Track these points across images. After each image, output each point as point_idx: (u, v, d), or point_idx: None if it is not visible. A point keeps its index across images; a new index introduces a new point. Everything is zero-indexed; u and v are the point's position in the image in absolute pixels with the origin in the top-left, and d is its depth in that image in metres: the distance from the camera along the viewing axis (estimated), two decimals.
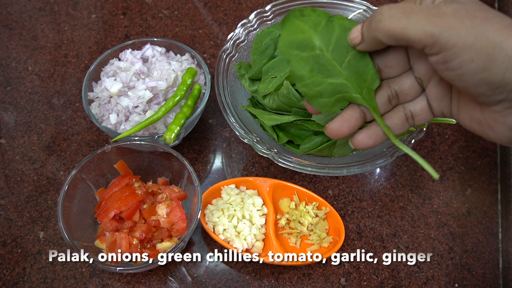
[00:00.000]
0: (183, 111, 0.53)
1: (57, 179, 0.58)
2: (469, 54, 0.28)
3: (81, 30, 0.72)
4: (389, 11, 0.30)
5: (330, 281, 0.51)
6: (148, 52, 0.59)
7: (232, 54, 0.56)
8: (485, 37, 0.28)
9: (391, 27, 0.30)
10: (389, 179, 0.58)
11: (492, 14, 0.29)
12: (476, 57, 0.28)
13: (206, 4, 0.75)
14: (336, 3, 0.59)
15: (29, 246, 0.53)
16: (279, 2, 0.59)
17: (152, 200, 0.51)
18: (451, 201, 0.57)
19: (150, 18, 0.73)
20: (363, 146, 0.36)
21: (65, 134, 0.62)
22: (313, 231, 0.53)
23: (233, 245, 0.50)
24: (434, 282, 0.51)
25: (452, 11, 0.29)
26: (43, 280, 0.51)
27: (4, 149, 0.60)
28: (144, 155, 0.54)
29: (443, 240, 0.54)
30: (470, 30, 0.28)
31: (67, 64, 0.68)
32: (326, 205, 0.54)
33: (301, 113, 0.48)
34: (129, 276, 0.51)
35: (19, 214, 0.55)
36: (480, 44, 0.28)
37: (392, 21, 0.30)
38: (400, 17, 0.30)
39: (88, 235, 0.50)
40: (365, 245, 0.53)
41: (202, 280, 0.51)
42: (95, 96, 0.57)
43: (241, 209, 0.52)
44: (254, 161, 0.59)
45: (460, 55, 0.28)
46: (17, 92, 0.65)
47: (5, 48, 0.70)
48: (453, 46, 0.28)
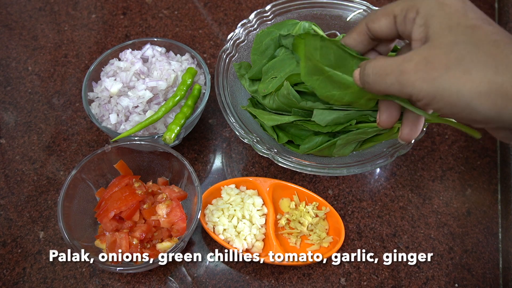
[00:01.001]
0: (183, 111, 0.53)
1: (57, 179, 0.58)
2: (437, 103, 0.31)
3: (81, 30, 0.72)
4: (373, 70, 0.34)
5: (330, 281, 0.51)
6: (148, 52, 0.59)
7: (232, 54, 0.56)
8: (445, 88, 0.29)
9: (376, 88, 0.34)
10: (389, 179, 0.58)
11: (454, 57, 0.30)
12: (443, 106, 0.30)
13: (206, 4, 0.75)
14: (336, 3, 0.59)
15: (29, 246, 0.53)
16: (279, 2, 0.59)
17: (152, 200, 0.51)
18: (451, 201, 0.57)
19: (150, 18, 0.73)
20: (413, 137, 0.39)
21: (65, 134, 0.62)
22: (313, 231, 0.53)
23: (233, 245, 0.50)
24: (434, 282, 0.51)
25: (413, 67, 0.31)
26: (43, 280, 0.51)
27: (4, 149, 0.60)
28: (144, 155, 0.54)
29: (443, 240, 0.54)
30: (430, 85, 0.30)
31: (67, 64, 0.68)
32: (326, 205, 0.54)
33: (301, 113, 0.48)
34: (129, 276, 0.51)
35: (19, 214, 0.55)
36: (441, 96, 0.30)
37: (375, 84, 0.34)
38: (379, 80, 0.34)
39: (88, 235, 0.50)
40: (365, 245, 0.53)
41: (202, 280, 0.51)
42: (95, 96, 0.57)
43: (241, 209, 0.52)
44: (254, 161, 0.59)
45: (431, 104, 0.31)
46: (17, 92, 0.65)
47: (5, 48, 0.70)
48: (422, 99, 0.31)
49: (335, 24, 0.59)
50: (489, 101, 0.28)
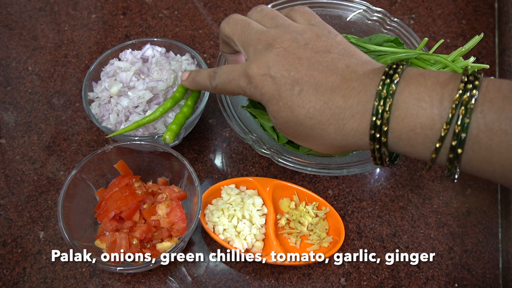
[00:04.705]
0: (183, 111, 0.53)
1: (57, 179, 0.58)
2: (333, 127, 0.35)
3: (81, 30, 0.72)
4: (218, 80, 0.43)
5: (330, 281, 0.51)
6: (148, 52, 0.59)
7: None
8: (333, 111, 0.34)
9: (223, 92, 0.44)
10: (389, 179, 0.58)
11: (339, 81, 0.35)
12: (333, 132, 0.35)
13: (206, 4, 0.75)
14: (336, 3, 0.59)
15: (29, 246, 0.53)
16: (279, 2, 0.59)
17: (152, 200, 0.51)
18: (451, 201, 0.57)
19: (150, 18, 0.73)
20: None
21: (65, 134, 0.62)
22: (313, 231, 0.53)
23: (233, 245, 0.50)
24: (434, 282, 0.51)
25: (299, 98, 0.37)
26: (43, 280, 0.51)
27: (4, 149, 0.61)
28: (144, 155, 0.54)
29: (443, 240, 0.54)
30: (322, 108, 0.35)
31: (67, 64, 0.69)
32: (326, 205, 0.54)
33: None
34: (129, 276, 0.51)
35: (19, 214, 0.55)
36: (331, 120, 0.35)
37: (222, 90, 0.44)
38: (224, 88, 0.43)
39: (88, 235, 0.50)
40: (365, 245, 0.53)
41: (202, 280, 0.51)
42: (95, 96, 0.57)
43: (241, 209, 0.52)
44: (254, 161, 0.59)
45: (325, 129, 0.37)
46: (17, 92, 0.65)
47: (5, 48, 0.70)
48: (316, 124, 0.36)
49: (335, 24, 0.59)
50: (332, 150, 0.37)
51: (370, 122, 0.32)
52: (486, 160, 0.30)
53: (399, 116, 0.31)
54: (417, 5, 0.75)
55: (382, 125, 0.32)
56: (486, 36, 0.71)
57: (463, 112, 0.29)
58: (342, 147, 0.36)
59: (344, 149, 0.37)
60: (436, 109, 0.30)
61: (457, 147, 0.30)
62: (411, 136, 0.31)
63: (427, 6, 0.74)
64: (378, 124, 0.32)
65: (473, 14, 0.74)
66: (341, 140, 0.35)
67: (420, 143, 0.31)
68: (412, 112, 0.31)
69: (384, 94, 0.32)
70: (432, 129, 0.30)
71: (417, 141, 0.31)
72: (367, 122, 0.33)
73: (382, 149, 0.33)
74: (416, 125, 0.31)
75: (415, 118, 0.31)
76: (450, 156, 0.30)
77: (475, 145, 0.29)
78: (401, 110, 0.31)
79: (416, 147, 0.32)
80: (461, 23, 0.73)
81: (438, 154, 0.31)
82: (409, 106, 0.31)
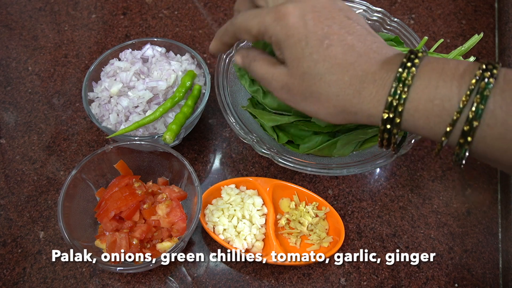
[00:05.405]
0: (183, 111, 0.53)
1: (57, 179, 0.58)
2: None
3: (81, 30, 0.72)
4: (256, 72, 0.41)
5: (330, 281, 0.51)
6: (148, 52, 0.59)
7: (232, 54, 0.56)
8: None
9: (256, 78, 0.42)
10: (389, 179, 0.58)
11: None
12: (351, 93, 0.36)
13: (206, 4, 0.75)
14: None
15: (29, 246, 0.53)
16: None
17: (152, 200, 0.51)
18: (451, 201, 0.57)
19: (150, 18, 0.73)
20: None
21: (65, 134, 0.62)
22: (313, 231, 0.53)
23: (233, 245, 0.50)
24: (434, 282, 0.51)
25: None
26: (43, 280, 0.51)
27: (4, 149, 0.61)
28: (144, 155, 0.54)
29: (443, 240, 0.54)
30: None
31: (67, 64, 0.69)
32: (326, 205, 0.54)
33: (301, 113, 0.48)
34: (129, 276, 0.51)
35: (19, 214, 0.55)
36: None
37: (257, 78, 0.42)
38: (258, 79, 0.41)
39: (88, 235, 0.50)
40: (365, 245, 0.53)
41: (202, 280, 0.51)
42: (95, 96, 0.57)
43: (241, 209, 0.52)
44: (254, 161, 0.59)
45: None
46: (17, 92, 0.65)
47: (5, 48, 0.70)
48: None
49: None
50: (338, 117, 0.37)
51: (390, 89, 0.33)
52: (501, 137, 0.30)
53: (420, 85, 0.32)
54: (417, 5, 0.75)
55: (401, 93, 0.32)
56: (486, 36, 0.71)
57: (483, 86, 0.30)
58: (352, 113, 0.36)
59: (353, 116, 0.36)
60: (457, 82, 0.31)
61: (473, 120, 0.30)
62: (428, 107, 0.32)
63: (427, 6, 0.74)
64: (398, 92, 0.33)
65: (473, 14, 0.74)
66: (356, 104, 0.35)
67: (437, 115, 0.32)
68: (433, 83, 0.32)
69: (409, 65, 0.33)
70: (450, 101, 0.31)
71: (433, 112, 0.32)
72: (387, 89, 0.33)
73: (394, 130, 0.34)
74: (436, 95, 0.32)
75: (435, 89, 0.32)
76: (466, 128, 0.31)
77: (491, 120, 0.30)
78: (423, 80, 0.32)
79: (431, 119, 0.32)
80: (461, 23, 0.73)
81: (454, 128, 0.31)
82: (432, 77, 0.32)
